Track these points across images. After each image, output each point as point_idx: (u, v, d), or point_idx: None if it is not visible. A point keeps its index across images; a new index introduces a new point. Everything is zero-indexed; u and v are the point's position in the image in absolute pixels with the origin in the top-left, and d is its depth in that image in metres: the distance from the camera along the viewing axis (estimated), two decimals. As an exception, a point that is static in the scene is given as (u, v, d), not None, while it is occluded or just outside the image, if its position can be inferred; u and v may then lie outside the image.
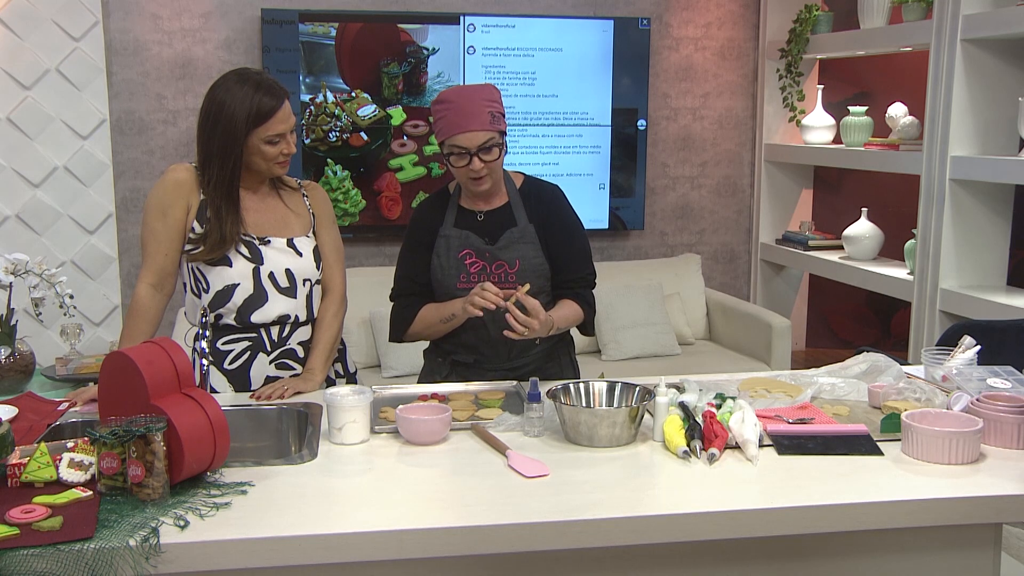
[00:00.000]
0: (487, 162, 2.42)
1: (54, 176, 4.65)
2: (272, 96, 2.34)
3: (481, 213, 2.55)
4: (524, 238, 2.52)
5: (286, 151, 2.39)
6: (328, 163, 5.01)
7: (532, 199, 2.56)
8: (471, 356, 2.56)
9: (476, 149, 2.39)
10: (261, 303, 2.42)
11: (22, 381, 2.61)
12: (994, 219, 4.20)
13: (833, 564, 1.87)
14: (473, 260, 2.51)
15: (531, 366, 2.56)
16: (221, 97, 2.34)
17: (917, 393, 2.21)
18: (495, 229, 2.53)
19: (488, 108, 2.41)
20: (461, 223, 2.55)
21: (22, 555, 1.51)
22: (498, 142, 2.43)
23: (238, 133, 2.33)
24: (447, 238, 2.53)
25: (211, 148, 2.36)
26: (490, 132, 2.40)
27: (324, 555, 1.60)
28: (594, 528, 1.67)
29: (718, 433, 1.95)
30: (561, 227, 2.57)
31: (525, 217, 2.54)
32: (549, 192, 2.61)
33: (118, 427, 1.71)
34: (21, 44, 4.54)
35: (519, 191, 2.57)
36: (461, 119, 2.39)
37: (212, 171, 2.37)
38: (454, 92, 2.45)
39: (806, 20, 5.25)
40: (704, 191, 5.68)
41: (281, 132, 2.36)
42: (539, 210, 2.55)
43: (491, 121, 2.40)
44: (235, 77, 2.37)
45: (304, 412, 2.24)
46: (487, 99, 2.42)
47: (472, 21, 5.07)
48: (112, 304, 4.83)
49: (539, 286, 2.50)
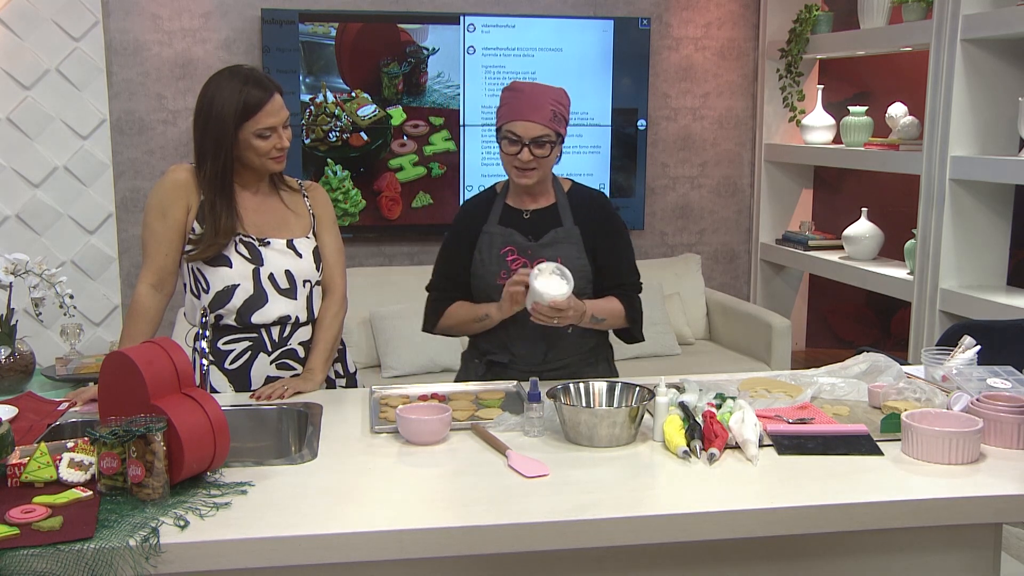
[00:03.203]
0: (537, 156, 2.43)
1: (54, 176, 4.65)
2: (261, 89, 2.34)
3: (527, 211, 2.56)
4: (569, 238, 2.52)
5: (279, 145, 2.38)
6: (328, 163, 5.01)
7: (579, 203, 2.57)
8: (506, 356, 2.55)
9: (529, 140, 2.41)
10: (261, 304, 2.42)
11: (22, 381, 2.61)
12: (994, 219, 4.20)
13: (833, 564, 1.87)
14: (515, 257, 2.51)
15: (568, 369, 2.54)
16: (211, 93, 2.35)
17: (917, 393, 2.21)
18: (540, 228, 2.53)
19: (552, 106, 2.43)
20: (506, 220, 2.56)
21: (22, 555, 1.51)
22: (552, 140, 2.43)
23: (227, 128, 2.33)
24: (490, 235, 2.54)
25: (204, 145, 2.36)
26: (547, 128, 2.41)
27: (324, 555, 1.60)
28: (594, 528, 1.67)
29: (718, 433, 1.95)
30: (608, 233, 2.56)
31: (571, 219, 2.54)
32: (597, 198, 2.62)
33: (118, 427, 1.71)
34: (21, 44, 4.54)
35: (567, 194, 2.58)
36: (523, 107, 2.42)
37: (206, 168, 2.37)
38: (526, 84, 2.49)
39: (806, 20, 5.25)
40: (704, 191, 5.68)
41: (271, 125, 2.35)
42: (586, 215, 2.55)
43: (551, 118, 2.42)
44: (225, 73, 2.38)
45: (304, 412, 2.24)
46: (555, 99, 2.45)
47: (472, 21, 5.07)
48: (112, 304, 4.83)
49: (580, 287, 2.48)
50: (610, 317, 2.53)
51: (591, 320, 2.46)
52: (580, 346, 2.57)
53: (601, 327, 2.55)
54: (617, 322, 2.56)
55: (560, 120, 2.45)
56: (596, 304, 2.48)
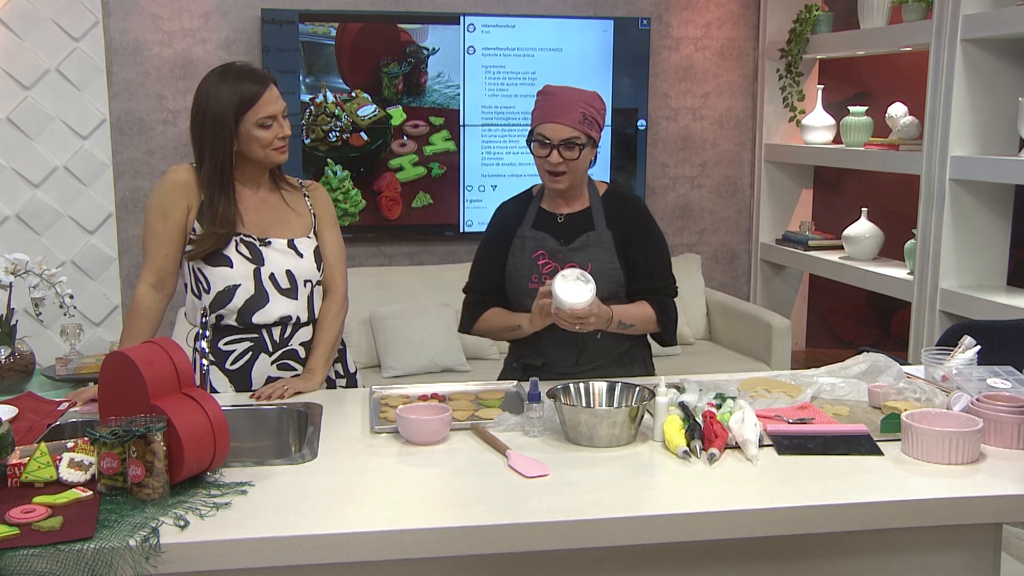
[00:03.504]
0: (567, 159, 2.42)
1: (54, 176, 4.65)
2: (256, 81, 2.36)
3: (561, 215, 2.56)
4: (600, 243, 2.51)
5: (281, 134, 2.38)
6: (328, 163, 5.01)
7: (613, 207, 2.56)
8: (539, 359, 2.55)
9: (559, 142, 2.41)
10: (262, 304, 2.42)
11: (22, 381, 2.61)
12: (994, 219, 4.20)
13: (833, 564, 1.87)
14: (546, 261, 2.51)
15: (601, 372, 2.53)
16: (206, 90, 2.37)
17: (917, 393, 2.21)
18: (572, 232, 2.53)
19: (583, 108, 2.42)
20: (539, 224, 2.56)
21: (22, 555, 1.51)
22: (583, 142, 2.42)
23: (227, 122, 2.33)
24: (523, 238, 2.55)
25: (203, 142, 2.37)
26: (576, 130, 2.41)
27: (324, 555, 1.60)
28: (594, 528, 1.67)
29: (718, 433, 1.95)
30: (642, 236, 2.55)
31: (604, 223, 2.53)
32: (632, 202, 2.61)
33: (118, 427, 1.71)
34: (21, 44, 4.54)
35: (601, 198, 2.57)
36: (552, 110, 2.42)
37: (205, 164, 2.38)
38: (558, 87, 2.49)
39: (806, 20, 5.24)
40: (704, 191, 5.67)
41: (272, 114, 2.36)
42: (620, 218, 2.54)
43: (581, 120, 2.41)
44: (218, 70, 2.40)
45: (304, 412, 2.24)
46: (586, 101, 2.44)
47: (472, 21, 5.07)
48: (112, 304, 4.83)
49: (610, 291, 2.48)
50: (639, 323, 2.50)
51: (618, 325, 2.45)
52: (613, 349, 2.56)
53: (631, 332, 2.53)
54: (648, 326, 2.54)
55: (592, 123, 2.44)
56: (624, 310, 2.47)
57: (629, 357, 2.60)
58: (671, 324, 2.56)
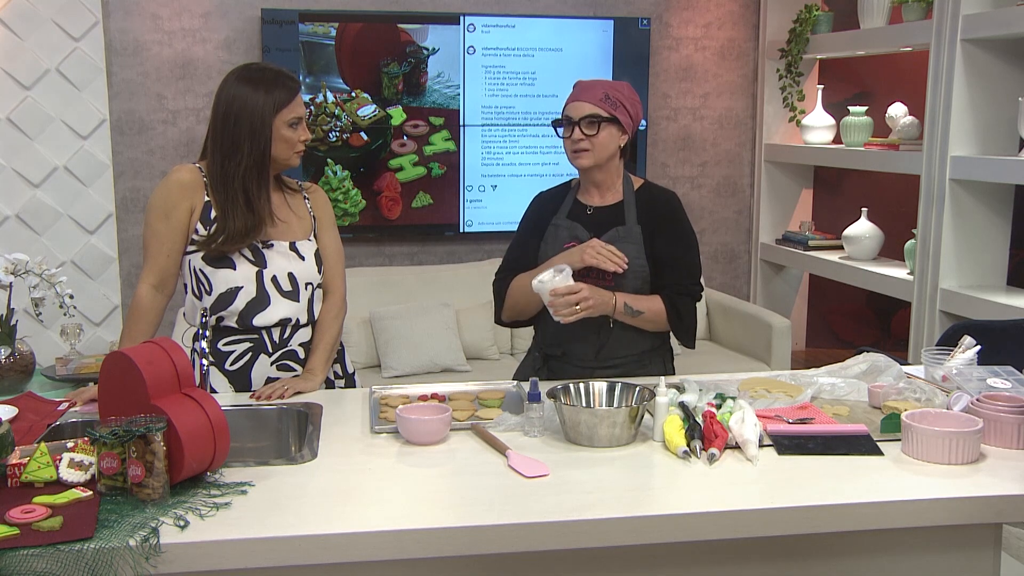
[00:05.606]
0: (587, 135, 2.45)
1: (54, 176, 4.65)
2: (290, 81, 2.41)
3: (591, 208, 2.57)
4: (629, 238, 2.50)
5: (303, 137, 2.42)
6: (328, 163, 5.01)
7: (645, 202, 2.55)
8: (559, 348, 2.57)
9: (579, 119, 2.44)
10: (263, 306, 2.42)
11: (22, 381, 2.61)
12: (994, 219, 4.20)
13: (833, 564, 1.87)
14: None
15: (622, 368, 2.52)
16: (235, 87, 2.37)
17: (917, 393, 2.21)
18: (603, 225, 2.53)
19: (606, 89, 2.47)
20: (573, 215, 2.58)
21: (22, 555, 1.51)
22: (604, 118, 2.44)
23: (266, 116, 2.35)
24: (556, 227, 2.57)
25: (237, 139, 2.35)
26: (596, 107, 2.44)
27: (324, 555, 1.60)
28: (594, 528, 1.67)
29: (718, 433, 1.95)
30: (670, 233, 2.53)
31: (635, 218, 2.52)
32: (664, 197, 2.59)
33: (118, 427, 1.71)
34: (21, 44, 4.54)
35: (635, 192, 2.57)
36: (576, 92, 2.49)
37: (239, 160, 2.36)
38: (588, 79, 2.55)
39: (806, 20, 5.25)
40: (704, 191, 5.68)
41: (300, 116, 2.40)
42: (650, 213, 2.53)
43: (603, 99, 2.45)
44: (244, 71, 2.40)
45: (304, 412, 2.24)
46: (611, 86, 2.49)
47: (472, 21, 5.07)
48: (112, 304, 4.83)
49: (635, 287, 2.48)
50: (648, 312, 2.47)
51: (625, 308, 2.43)
52: (635, 347, 2.54)
53: (640, 322, 2.48)
54: (657, 319, 2.49)
55: (615, 104, 2.45)
56: (631, 298, 2.45)
57: (650, 356, 2.59)
58: (682, 324, 2.52)
